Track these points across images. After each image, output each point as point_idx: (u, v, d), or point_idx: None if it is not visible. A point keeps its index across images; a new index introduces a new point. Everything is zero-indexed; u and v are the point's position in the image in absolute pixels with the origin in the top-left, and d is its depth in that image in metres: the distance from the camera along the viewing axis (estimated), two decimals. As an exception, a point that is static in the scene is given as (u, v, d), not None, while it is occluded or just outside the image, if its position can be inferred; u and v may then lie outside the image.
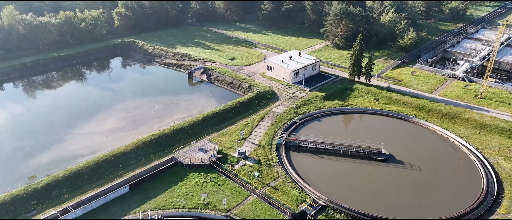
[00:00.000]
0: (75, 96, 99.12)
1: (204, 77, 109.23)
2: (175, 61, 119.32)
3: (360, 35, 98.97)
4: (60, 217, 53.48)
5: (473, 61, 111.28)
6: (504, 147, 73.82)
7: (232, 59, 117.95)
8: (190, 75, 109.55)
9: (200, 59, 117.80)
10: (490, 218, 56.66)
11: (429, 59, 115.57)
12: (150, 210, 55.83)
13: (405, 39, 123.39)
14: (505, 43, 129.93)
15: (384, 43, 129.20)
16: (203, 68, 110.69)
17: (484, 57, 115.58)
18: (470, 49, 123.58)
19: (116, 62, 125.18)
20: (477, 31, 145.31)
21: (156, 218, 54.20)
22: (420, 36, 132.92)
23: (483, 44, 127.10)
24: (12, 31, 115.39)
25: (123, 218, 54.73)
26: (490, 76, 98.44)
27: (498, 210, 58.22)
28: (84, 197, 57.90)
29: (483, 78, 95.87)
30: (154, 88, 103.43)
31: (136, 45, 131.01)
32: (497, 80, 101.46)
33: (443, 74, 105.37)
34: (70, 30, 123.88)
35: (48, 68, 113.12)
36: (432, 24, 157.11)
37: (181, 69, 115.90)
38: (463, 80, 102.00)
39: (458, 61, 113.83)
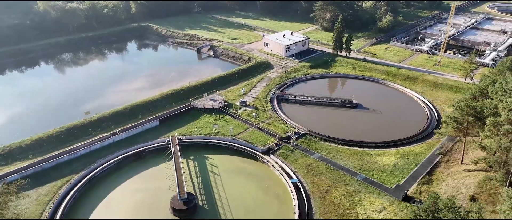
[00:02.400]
0: (104, 66, 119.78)
1: (211, 53, 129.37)
2: (185, 41, 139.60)
3: (341, 15, 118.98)
4: (111, 137, 73.51)
5: (438, 39, 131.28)
6: (450, 98, 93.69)
7: (234, 39, 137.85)
8: (199, 51, 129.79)
9: (206, 39, 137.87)
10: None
11: (402, 38, 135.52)
12: (176, 135, 75.76)
13: (383, 22, 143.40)
14: (471, 26, 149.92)
15: (366, 26, 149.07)
16: (210, 45, 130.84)
17: (449, 37, 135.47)
18: (439, 30, 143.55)
19: (134, 42, 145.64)
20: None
21: (181, 138, 74.20)
22: (397, 21, 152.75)
23: (451, 27, 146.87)
24: (46, 15, 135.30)
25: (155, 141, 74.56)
26: (449, 50, 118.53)
27: (434, 136, 78.05)
28: (126, 126, 77.97)
29: (445, 52, 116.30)
30: (169, 61, 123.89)
31: (151, 28, 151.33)
32: (455, 52, 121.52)
33: (411, 49, 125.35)
34: (94, 15, 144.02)
35: (79, 47, 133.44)
36: (411, 12, 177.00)
37: (190, 47, 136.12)
38: (428, 53, 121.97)
39: (426, 39, 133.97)
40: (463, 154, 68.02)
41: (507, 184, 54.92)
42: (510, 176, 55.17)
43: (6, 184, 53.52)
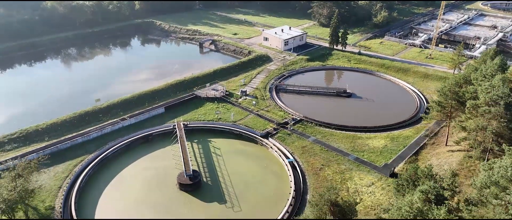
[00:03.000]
0: (111, 60, 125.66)
1: (212, 47, 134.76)
2: (187, 36, 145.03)
3: (337, 10, 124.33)
4: (121, 122, 78.87)
5: (431, 34, 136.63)
6: (439, 88, 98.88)
7: (235, 34, 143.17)
8: (201, 45, 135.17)
9: (208, 34, 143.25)
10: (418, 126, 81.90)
11: (396, 33, 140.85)
12: (181, 120, 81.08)
13: (378, 17, 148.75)
14: (463, 22, 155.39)
15: (362, 22, 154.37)
16: (211, 40, 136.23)
17: (442, 32, 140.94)
18: (432, 26, 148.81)
19: (139, 37, 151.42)
20: (443, 13, 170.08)
21: (186, 124, 79.56)
22: (392, 17, 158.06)
23: (444, 22, 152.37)
24: (54, 11, 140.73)
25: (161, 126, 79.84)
26: (440, 44, 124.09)
27: (422, 121, 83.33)
28: (134, 113, 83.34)
29: (437, 46, 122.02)
30: (172, 55, 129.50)
31: (155, 24, 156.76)
32: (447, 46, 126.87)
33: (405, 43, 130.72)
34: (100, 12, 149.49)
35: (86, 41, 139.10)
36: (406, 9, 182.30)
37: (193, 42, 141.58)
38: (420, 47, 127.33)
39: (419, 34, 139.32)
40: (447, 136, 73.43)
41: (485, 161, 60.22)
42: (487, 153, 60.52)
43: (28, 160, 58.80)
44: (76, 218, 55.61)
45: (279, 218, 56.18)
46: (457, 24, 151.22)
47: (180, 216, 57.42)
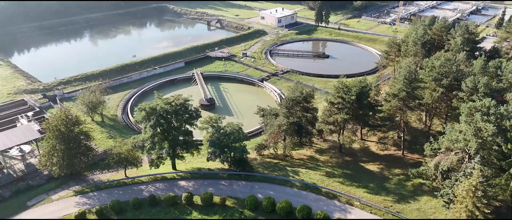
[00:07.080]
0: (133, 34, 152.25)
1: (218, 25, 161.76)
2: (197, 17, 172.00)
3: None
4: (153, 70, 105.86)
5: (400, 14, 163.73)
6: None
7: (237, 15, 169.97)
8: (208, 24, 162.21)
9: (214, 15, 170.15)
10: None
11: (372, 14, 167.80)
12: (199, 69, 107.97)
13: (358, 1, 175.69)
14: (431, 6, 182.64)
15: (345, 6, 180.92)
16: (217, 19, 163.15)
17: (410, 13, 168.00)
18: (404, 9, 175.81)
19: (156, 17, 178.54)
20: None
21: (202, 72, 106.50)
22: (371, 2, 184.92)
23: (414, 6, 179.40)
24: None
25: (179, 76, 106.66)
26: (403, 21, 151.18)
27: (381, 70, 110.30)
28: (162, 65, 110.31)
29: (402, 23, 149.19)
30: (184, 32, 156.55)
31: (168, 8, 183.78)
32: (409, 23, 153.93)
33: (378, 21, 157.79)
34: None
35: (112, 20, 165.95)
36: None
37: (201, 22, 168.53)
38: (389, 24, 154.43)
39: (390, 14, 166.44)
40: (393, 75, 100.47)
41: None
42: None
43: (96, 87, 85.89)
44: (131, 119, 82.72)
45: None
46: (425, 7, 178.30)
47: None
